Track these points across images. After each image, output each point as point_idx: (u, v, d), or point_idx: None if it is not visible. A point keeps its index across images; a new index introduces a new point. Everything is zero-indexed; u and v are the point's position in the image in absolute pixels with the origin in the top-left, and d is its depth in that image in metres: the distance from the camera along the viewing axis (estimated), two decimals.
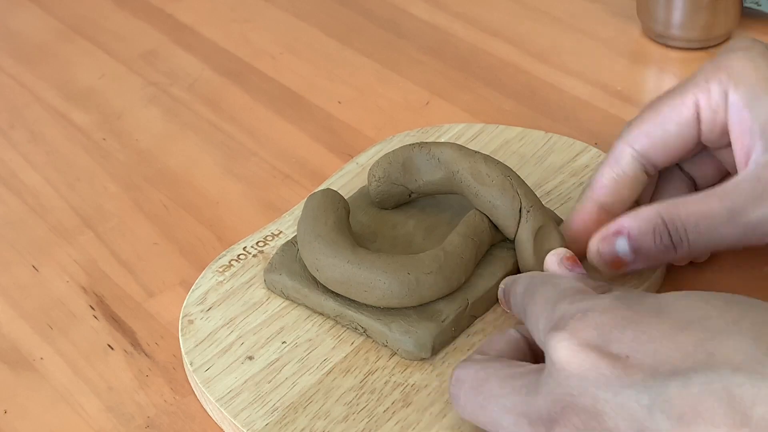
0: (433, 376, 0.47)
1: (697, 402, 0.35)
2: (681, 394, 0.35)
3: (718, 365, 0.35)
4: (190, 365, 0.48)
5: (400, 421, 0.45)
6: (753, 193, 0.46)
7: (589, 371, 0.37)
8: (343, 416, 0.45)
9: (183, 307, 0.51)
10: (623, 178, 0.50)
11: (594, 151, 0.59)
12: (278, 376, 0.47)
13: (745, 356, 0.35)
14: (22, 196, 0.61)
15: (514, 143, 0.60)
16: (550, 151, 0.59)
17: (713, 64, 0.49)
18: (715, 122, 0.48)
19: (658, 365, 0.36)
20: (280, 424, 0.45)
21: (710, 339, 0.36)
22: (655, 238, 0.47)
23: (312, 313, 0.50)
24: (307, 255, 0.49)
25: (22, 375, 0.50)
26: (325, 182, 0.58)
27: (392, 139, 0.61)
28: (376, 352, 0.48)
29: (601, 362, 0.37)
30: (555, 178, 0.57)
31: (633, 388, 0.36)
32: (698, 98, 0.48)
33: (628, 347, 0.37)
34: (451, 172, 0.51)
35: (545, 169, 0.58)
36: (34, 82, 0.71)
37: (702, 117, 0.48)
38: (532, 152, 0.59)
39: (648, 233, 0.47)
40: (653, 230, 0.47)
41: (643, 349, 0.37)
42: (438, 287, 0.48)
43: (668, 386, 0.36)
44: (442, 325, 0.48)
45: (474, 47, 0.72)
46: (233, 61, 0.72)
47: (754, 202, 0.46)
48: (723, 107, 0.48)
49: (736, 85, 0.48)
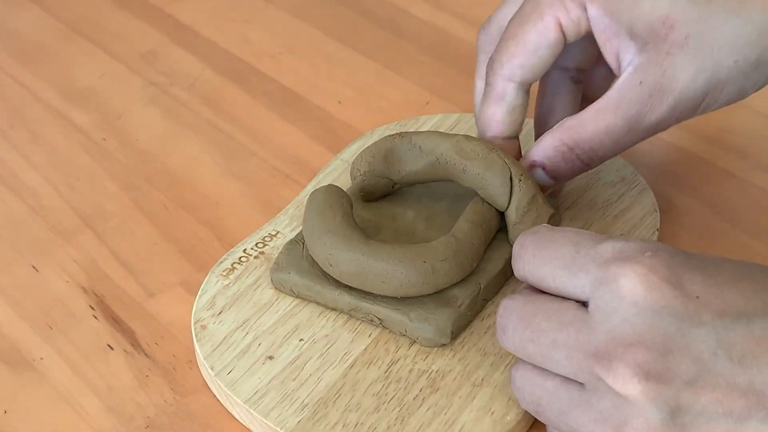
0: (455, 360, 0.48)
1: (757, 345, 0.37)
2: (744, 337, 0.37)
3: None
4: (211, 369, 0.48)
5: (432, 407, 0.46)
6: (641, 100, 0.48)
7: (664, 308, 0.38)
8: (374, 407, 0.46)
9: (193, 313, 0.51)
10: (515, 108, 0.52)
11: None
12: (302, 373, 0.48)
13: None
14: (22, 196, 0.61)
15: None
16: (530, 135, 0.60)
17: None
18: (579, 34, 0.50)
19: (725, 307, 0.38)
20: (313, 419, 0.46)
21: (762, 290, 0.38)
22: (566, 164, 0.50)
23: (324, 309, 0.50)
24: (318, 251, 0.49)
25: (22, 375, 0.50)
26: (313, 180, 0.59)
27: (373, 133, 0.62)
28: (395, 342, 0.49)
29: (676, 299, 0.38)
30: None
31: (703, 327, 0.37)
32: (558, 17, 0.50)
33: (698, 288, 0.38)
34: (434, 158, 0.52)
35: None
36: (34, 82, 0.71)
37: (567, 33, 0.50)
38: None
39: (559, 161, 0.50)
40: (562, 158, 0.50)
41: (711, 292, 0.38)
42: (453, 274, 0.48)
43: (734, 329, 0.37)
44: (459, 310, 0.48)
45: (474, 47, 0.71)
46: (233, 61, 0.72)
47: (645, 108, 0.48)
48: (585, 19, 0.49)
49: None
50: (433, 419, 0.45)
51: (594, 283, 0.40)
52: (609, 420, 0.39)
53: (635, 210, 0.55)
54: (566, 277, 0.41)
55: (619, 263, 0.39)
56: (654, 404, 0.38)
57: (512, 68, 0.51)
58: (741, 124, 0.64)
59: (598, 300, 0.39)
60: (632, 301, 0.38)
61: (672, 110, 0.48)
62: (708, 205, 0.58)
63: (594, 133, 0.49)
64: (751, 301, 0.38)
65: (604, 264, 0.40)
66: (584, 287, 0.40)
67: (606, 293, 0.39)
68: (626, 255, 0.39)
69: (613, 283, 0.39)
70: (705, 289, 0.38)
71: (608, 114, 0.48)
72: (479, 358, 0.48)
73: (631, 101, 0.48)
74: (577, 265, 0.41)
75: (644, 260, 0.39)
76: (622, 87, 0.48)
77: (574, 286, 0.41)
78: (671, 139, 0.63)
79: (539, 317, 0.41)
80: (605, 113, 0.48)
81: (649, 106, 0.48)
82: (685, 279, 0.39)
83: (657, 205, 0.56)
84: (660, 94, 0.47)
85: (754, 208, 0.58)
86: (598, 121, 0.49)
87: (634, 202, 0.56)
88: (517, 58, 0.51)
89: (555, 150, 0.50)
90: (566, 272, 0.41)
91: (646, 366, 0.38)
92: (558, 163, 0.50)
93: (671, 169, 0.61)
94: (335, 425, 0.45)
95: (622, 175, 0.58)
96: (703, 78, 0.47)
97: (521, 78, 0.51)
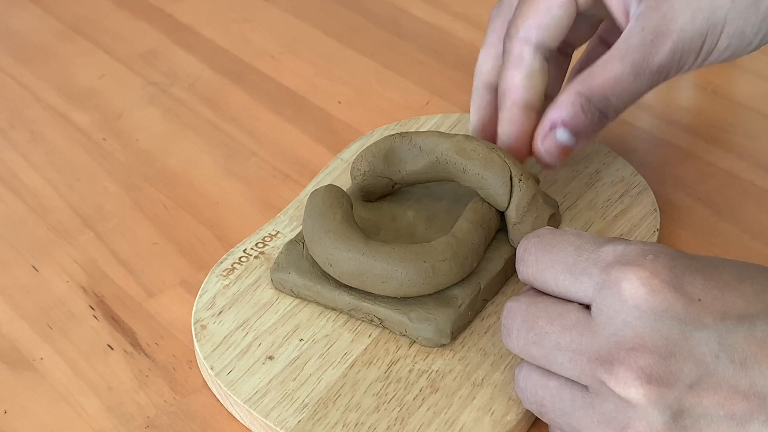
0: (456, 360, 0.48)
1: (759, 348, 0.37)
2: (746, 339, 0.37)
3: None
4: (210, 369, 0.48)
5: (431, 407, 0.46)
6: (644, 43, 0.48)
7: (666, 311, 0.38)
8: (374, 407, 0.46)
9: (193, 313, 0.51)
10: (534, 73, 0.52)
11: None
12: (302, 373, 0.48)
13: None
14: (22, 196, 0.61)
15: None
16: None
17: None
18: (588, 2, 0.51)
19: (727, 309, 0.38)
20: (313, 419, 0.46)
21: (763, 292, 0.38)
22: (586, 115, 0.50)
23: (324, 309, 0.50)
24: (318, 251, 0.49)
25: (22, 375, 0.50)
26: (313, 180, 0.59)
27: (373, 133, 0.62)
28: (395, 342, 0.49)
29: (678, 302, 0.38)
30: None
31: (705, 330, 0.38)
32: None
33: (700, 290, 0.38)
34: (434, 158, 0.52)
35: None
36: (34, 82, 0.71)
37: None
38: None
39: (579, 114, 0.50)
40: (581, 109, 0.50)
41: (713, 294, 0.38)
42: (453, 274, 0.48)
43: (736, 331, 0.37)
44: (459, 310, 0.48)
45: (474, 47, 0.72)
46: (233, 61, 0.72)
47: (649, 50, 0.48)
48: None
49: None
50: (433, 419, 0.45)
51: (596, 287, 0.40)
52: (612, 423, 0.39)
53: (635, 210, 0.55)
54: (569, 281, 0.41)
55: (620, 267, 0.39)
56: (656, 407, 0.38)
57: (527, 30, 0.51)
58: (741, 124, 0.64)
59: (600, 303, 0.40)
60: (634, 305, 0.38)
61: (673, 53, 0.48)
62: (708, 205, 0.58)
63: (605, 81, 0.49)
64: (752, 303, 0.38)
65: (606, 267, 0.40)
66: (587, 291, 0.40)
67: (608, 297, 0.39)
68: (628, 258, 0.40)
69: (615, 286, 0.39)
70: (706, 291, 0.39)
71: (616, 61, 0.49)
72: (479, 358, 0.48)
73: (635, 47, 0.49)
74: (579, 269, 0.41)
75: (646, 263, 0.39)
76: (627, 36, 0.49)
77: (577, 289, 0.41)
78: (671, 139, 0.63)
79: (542, 320, 0.41)
80: (613, 61, 0.49)
81: (652, 49, 0.48)
82: (686, 282, 0.39)
83: (657, 205, 0.56)
84: (661, 37, 0.48)
85: (754, 208, 0.58)
86: (608, 69, 0.49)
87: (634, 202, 0.56)
88: (532, 19, 0.51)
89: (572, 104, 0.50)
90: (569, 276, 0.41)
91: (648, 369, 0.38)
92: (578, 116, 0.50)
93: (671, 169, 0.61)
94: (335, 425, 0.45)
95: (622, 175, 0.58)
96: (701, 18, 0.48)
97: (537, 39, 0.51)
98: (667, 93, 0.68)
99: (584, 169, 0.58)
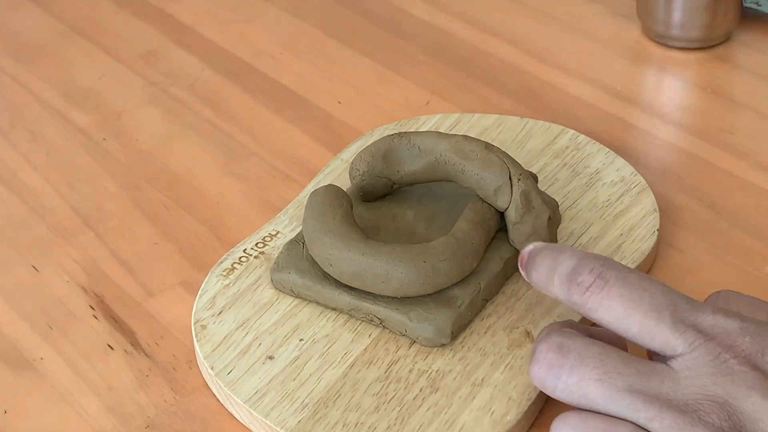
0: (456, 360, 0.48)
1: None
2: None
3: None
4: (211, 369, 0.48)
5: (432, 407, 0.46)
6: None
7: (752, 388, 0.39)
8: (374, 407, 0.46)
9: (193, 313, 0.51)
10: None
11: (571, 133, 0.60)
12: (302, 373, 0.48)
13: None
14: (22, 196, 0.61)
15: (492, 130, 0.61)
16: (529, 135, 0.60)
17: None
18: None
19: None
20: (313, 419, 0.46)
21: None
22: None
23: (324, 309, 0.50)
24: (318, 251, 0.49)
25: (22, 375, 0.50)
26: (313, 180, 0.59)
27: (373, 133, 0.62)
28: (395, 342, 0.49)
29: (759, 377, 0.40)
30: (539, 161, 0.59)
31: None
32: None
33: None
34: (433, 158, 0.52)
35: (527, 153, 0.59)
36: (34, 82, 0.71)
37: None
38: (511, 138, 0.60)
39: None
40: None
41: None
42: (453, 273, 0.48)
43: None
44: (459, 310, 0.48)
45: (474, 47, 0.72)
46: (233, 61, 0.72)
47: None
48: None
49: None
50: (433, 419, 0.45)
51: (689, 347, 0.41)
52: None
53: (635, 210, 0.55)
54: (657, 330, 0.41)
55: (721, 345, 0.40)
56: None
57: None
58: (741, 124, 0.64)
59: (689, 361, 0.40)
60: (722, 375, 0.40)
61: None
62: (708, 205, 0.58)
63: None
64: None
65: (706, 336, 0.41)
66: (676, 347, 0.41)
67: (701, 363, 0.40)
68: (727, 334, 0.41)
69: (714, 359, 0.40)
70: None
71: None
72: (479, 358, 0.48)
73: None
74: (675, 323, 0.41)
75: (744, 346, 0.40)
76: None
77: (665, 341, 0.41)
78: (671, 139, 0.63)
79: (613, 359, 0.41)
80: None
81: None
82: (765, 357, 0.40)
83: (657, 205, 0.56)
84: None
85: (754, 208, 0.58)
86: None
87: (634, 202, 0.56)
88: None
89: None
90: (662, 325, 0.41)
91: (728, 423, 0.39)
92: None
93: (671, 169, 0.61)
94: (335, 425, 0.45)
95: (622, 175, 0.58)
96: None
97: None
98: (667, 93, 0.68)
99: (584, 169, 0.58)
